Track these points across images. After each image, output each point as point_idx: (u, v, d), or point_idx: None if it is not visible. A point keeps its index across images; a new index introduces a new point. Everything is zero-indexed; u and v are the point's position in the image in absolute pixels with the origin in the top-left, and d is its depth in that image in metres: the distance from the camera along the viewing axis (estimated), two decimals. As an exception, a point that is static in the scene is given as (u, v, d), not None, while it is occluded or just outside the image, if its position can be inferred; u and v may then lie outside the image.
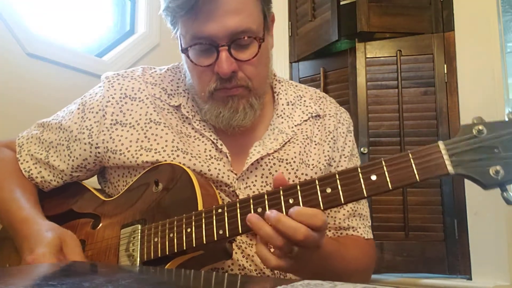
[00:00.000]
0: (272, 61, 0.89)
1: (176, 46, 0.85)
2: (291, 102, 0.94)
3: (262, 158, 0.86)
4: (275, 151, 0.87)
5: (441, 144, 0.61)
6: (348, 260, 0.81)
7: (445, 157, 0.60)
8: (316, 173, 0.88)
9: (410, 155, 0.61)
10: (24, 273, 0.55)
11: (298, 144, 0.89)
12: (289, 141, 0.89)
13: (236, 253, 0.82)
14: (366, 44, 1.87)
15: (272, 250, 0.64)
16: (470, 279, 1.66)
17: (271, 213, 0.63)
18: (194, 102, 0.88)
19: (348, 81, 1.93)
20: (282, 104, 0.93)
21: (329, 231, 0.90)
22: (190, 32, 0.78)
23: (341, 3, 1.93)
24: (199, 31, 0.76)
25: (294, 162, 0.87)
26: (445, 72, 1.79)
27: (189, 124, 0.88)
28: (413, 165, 0.61)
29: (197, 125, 0.87)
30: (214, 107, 0.82)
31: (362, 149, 1.80)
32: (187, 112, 0.88)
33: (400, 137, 1.79)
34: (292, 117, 0.92)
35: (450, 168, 0.59)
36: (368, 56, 1.87)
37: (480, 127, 0.60)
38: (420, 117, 1.80)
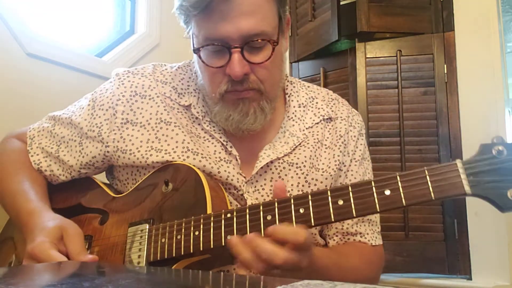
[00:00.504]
0: (285, 64, 0.87)
1: (175, 46, 0.84)
2: (302, 104, 0.92)
3: (272, 162, 0.84)
4: (285, 155, 0.85)
5: (459, 162, 0.59)
6: (346, 271, 0.80)
7: (463, 176, 0.58)
8: (326, 178, 0.87)
9: (426, 171, 0.60)
10: (25, 273, 0.55)
11: (308, 148, 0.88)
12: (299, 144, 0.87)
13: None
14: (366, 44, 1.87)
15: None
16: (470, 279, 1.67)
17: (250, 236, 0.62)
18: (205, 102, 0.87)
19: (348, 81, 1.93)
20: (294, 106, 0.91)
21: (336, 236, 0.89)
22: (202, 32, 0.76)
23: (341, 3, 1.93)
24: (212, 31, 0.75)
25: (304, 166, 0.86)
26: (445, 72, 1.79)
27: (199, 124, 0.87)
28: (429, 182, 0.59)
29: (207, 126, 0.86)
30: (224, 109, 0.81)
31: (362, 149, 1.80)
32: (197, 112, 0.87)
33: (400, 137, 1.79)
34: (303, 120, 0.90)
35: (467, 188, 0.58)
36: (368, 56, 1.87)
37: (500, 148, 0.58)
38: (420, 117, 1.80)
